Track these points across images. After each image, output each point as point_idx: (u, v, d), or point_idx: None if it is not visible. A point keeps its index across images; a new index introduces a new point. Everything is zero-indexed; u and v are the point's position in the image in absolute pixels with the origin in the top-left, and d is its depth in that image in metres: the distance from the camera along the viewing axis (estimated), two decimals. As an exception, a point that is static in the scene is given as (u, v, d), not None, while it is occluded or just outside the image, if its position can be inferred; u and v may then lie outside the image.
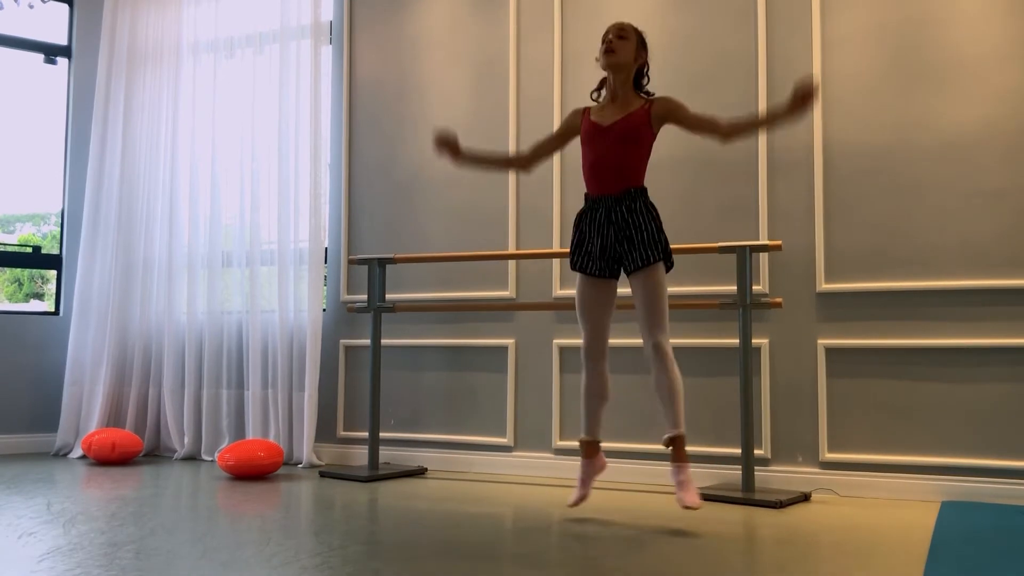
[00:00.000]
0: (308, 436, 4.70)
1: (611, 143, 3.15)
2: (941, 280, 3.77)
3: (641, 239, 3.09)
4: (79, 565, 2.49)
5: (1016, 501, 3.54)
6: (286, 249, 4.89)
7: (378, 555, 2.68)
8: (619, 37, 3.18)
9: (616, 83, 3.21)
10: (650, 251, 3.08)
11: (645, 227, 3.10)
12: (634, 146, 3.15)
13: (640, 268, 3.09)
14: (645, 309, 3.08)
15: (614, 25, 3.23)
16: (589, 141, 3.20)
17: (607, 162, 3.16)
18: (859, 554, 2.73)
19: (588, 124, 3.23)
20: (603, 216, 3.15)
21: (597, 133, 3.18)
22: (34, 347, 5.25)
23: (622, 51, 3.17)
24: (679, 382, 3.09)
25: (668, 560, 2.64)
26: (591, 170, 3.20)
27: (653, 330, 3.07)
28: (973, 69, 3.78)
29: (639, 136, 3.15)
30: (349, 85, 5.02)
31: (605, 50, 3.18)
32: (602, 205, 3.15)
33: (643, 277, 3.08)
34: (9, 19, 5.38)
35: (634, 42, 3.20)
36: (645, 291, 3.08)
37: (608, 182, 3.15)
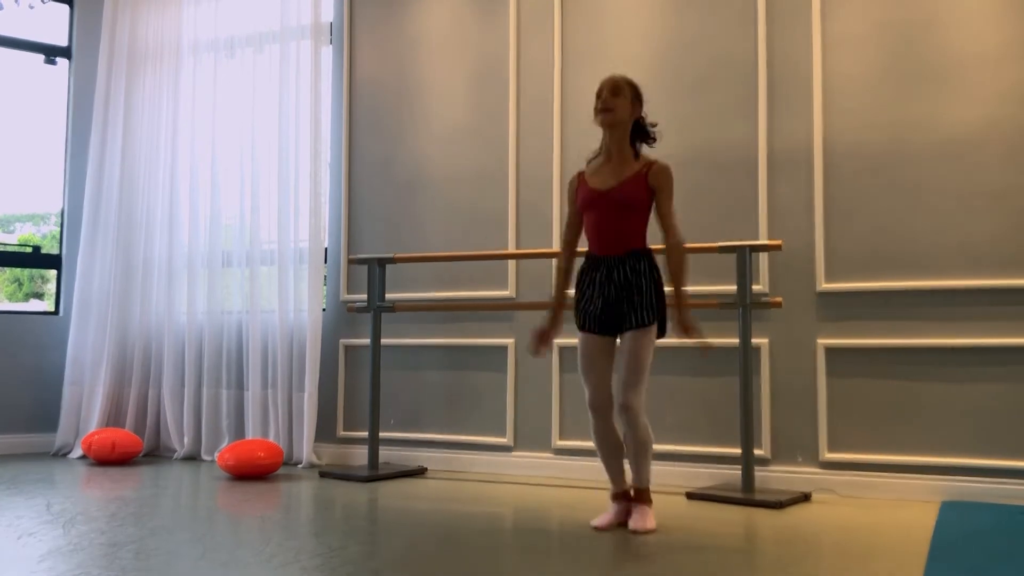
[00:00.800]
0: (308, 436, 4.70)
1: (610, 210, 3.12)
2: (941, 280, 3.76)
3: (640, 302, 3.08)
4: (79, 565, 2.49)
5: (1016, 501, 3.54)
6: (286, 249, 4.89)
7: (378, 555, 2.68)
8: (613, 94, 3.12)
9: (612, 141, 3.16)
10: (646, 314, 3.08)
11: (645, 290, 3.10)
12: (634, 211, 3.12)
13: (632, 328, 3.08)
14: (626, 368, 3.08)
15: (607, 81, 3.16)
16: (588, 207, 3.17)
17: (607, 226, 3.13)
18: (859, 554, 2.73)
19: (585, 190, 3.18)
20: (604, 276, 3.13)
21: (595, 199, 3.14)
22: (34, 347, 5.25)
23: (618, 109, 3.12)
24: (647, 443, 3.12)
25: (668, 560, 2.64)
26: (592, 232, 3.18)
27: (627, 390, 3.06)
28: (973, 69, 3.78)
29: (637, 203, 3.12)
30: (349, 85, 5.02)
31: (600, 108, 3.13)
32: (604, 264, 3.14)
33: (632, 337, 3.08)
34: (9, 19, 5.38)
35: (629, 97, 3.14)
36: (631, 351, 3.08)
37: (610, 244, 3.13)
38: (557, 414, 4.37)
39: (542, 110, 4.53)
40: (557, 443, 4.36)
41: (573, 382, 4.34)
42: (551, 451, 4.38)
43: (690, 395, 4.09)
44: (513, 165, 4.56)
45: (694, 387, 4.09)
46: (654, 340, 3.12)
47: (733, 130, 4.12)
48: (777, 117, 4.07)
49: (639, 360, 3.07)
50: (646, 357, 3.08)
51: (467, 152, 4.69)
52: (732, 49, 4.17)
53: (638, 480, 3.16)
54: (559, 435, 4.36)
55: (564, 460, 4.32)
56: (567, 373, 4.37)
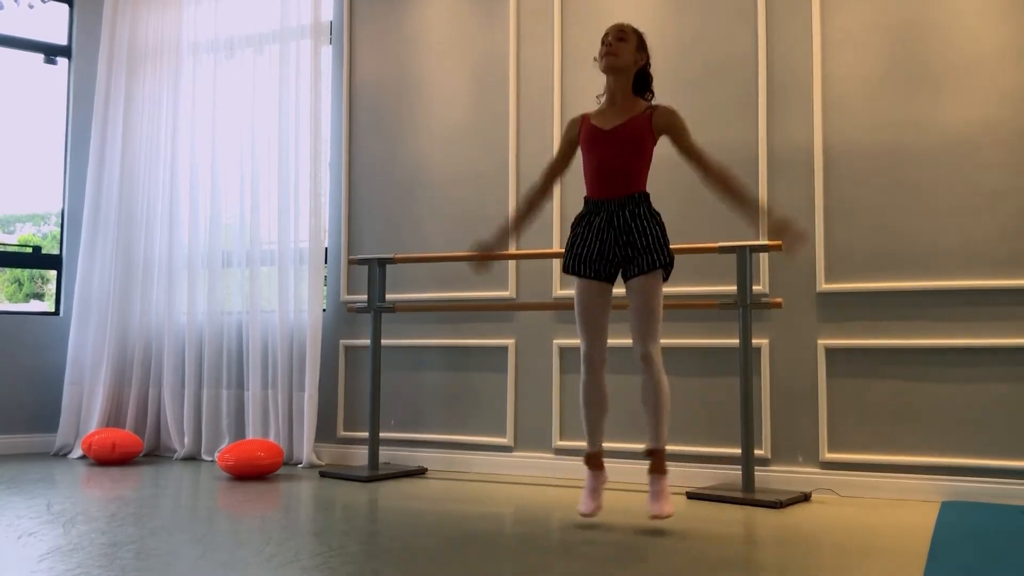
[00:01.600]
0: (308, 436, 4.70)
1: (613, 147, 3.09)
2: (941, 280, 3.77)
3: (645, 244, 3.02)
4: (79, 565, 2.49)
5: (1016, 501, 3.54)
6: (286, 249, 4.89)
7: (378, 555, 2.68)
8: (619, 39, 3.13)
9: (616, 86, 3.16)
10: (655, 256, 3.02)
11: (649, 232, 3.04)
12: (636, 151, 3.09)
13: (640, 273, 3.02)
14: (639, 316, 3.02)
15: (613, 27, 3.18)
16: (590, 146, 3.13)
17: (609, 166, 3.09)
18: (859, 554, 2.73)
19: (588, 128, 3.16)
20: (604, 220, 3.09)
21: (599, 137, 3.11)
22: (34, 347, 5.25)
23: (622, 53, 3.12)
24: (666, 394, 3.05)
25: (668, 560, 2.64)
26: (593, 174, 3.14)
27: (645, 338, 3.01)
28: (973, 70, 3.78)
29: (641, 142, 3.09)
30: (349, 85, 5.02)
31: (604, 52, 3.12)
32: (604, 209, 3.09)
33: (641, 283, 3.02)
34: (9, 19, 5.38)
35: (634, 43, 3.15)
36: (642, 297, 3.01)
37: (611, 186, 3.08)
38: (557, 414, 4.37)
39: (542, 110, 4.53)
40: (557, 443, 4.36)
41: (573, 382, 4.34)
42: (551, 451, 4.38)
43: (690, 395, 4.09)
44: (513, 165, 4.56)
45: (694, 387, 4.09)
46: (661, 285, 3.05)
47: (733, 130, 4.12)
48: (777, 117, 4.07)
49: (653, 306, 3.00)
50: (658, 303, 3.02)
51: (467, 152, 4.69)
52: (732, 49, 4.17)
53: (656, 440, 3.06)
54: (559, 435, 4.36)
55: (564, 460, 4.32)
56: (567, 373, 4.37)
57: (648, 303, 3.01)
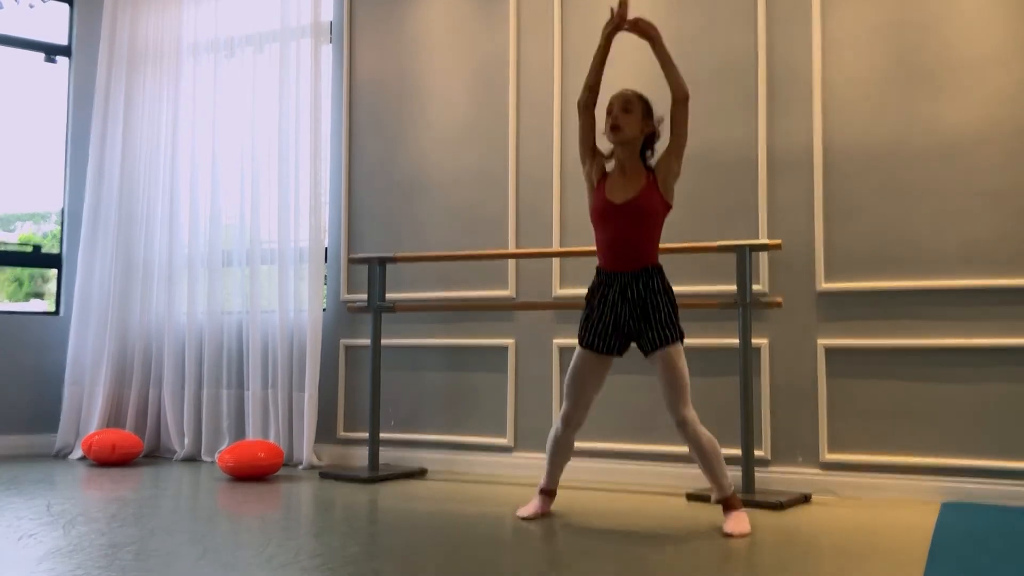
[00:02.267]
0: (308, 437, 4.69)
1: (626, 223, 3.13)
2: (941, 280, 3.76)
3: (659, 319, 3.10)
4: (79, 566, 2.49)
5: (1017, 502, 3.54)
6: (286, 249, 4.89)
7: (378, 556, 2.68)
8: (624, 110, 3.16)
9: (624, 156, 3.20)
10: (668, 331, 3.10)
11: (663, 308, 3.12)
12: (648, 225, 3.16)
13: (658, 348, 3.10)
14: (669, 387, 3.11)
15: (617, 96, 3.20)
16: (603, 220, 3.18)
17: (622, 242, 3.15)
18: (859, 555, 2.73)
19: (602, 199, 3.18)
20: (617, 294, 3.15)
21: (611, 212, 3.15)
22: (34, 347, 5.25)
23: (628, 126, 3.15)
24: (714, 447, 3.13)
25: (668, 561, 2.64)
26: (606, 248, 3.19)
27: (678, 406, 3.11)
28: (973, 70, 3.77)
29: (653, 213, 3.15)
30: (349, 85, 5.02)
31: (610, 126, 3.15)
32: (617, 282, 3.15)
33: (664, 356, 3.10)
34: (9, 19, 5.38)
35: (639, 113, 3.17)
36: (667, 370, 3.10)
37: (624, 260, 3.14)
38: (557, 414, 4.36)
39: (542, 110, 4.53)
40: (557, 443, 4.36)
41: (573, 382, 4.34)
42: (551, 451, 4.37)
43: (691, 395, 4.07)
44: (513, 165, 4.56)
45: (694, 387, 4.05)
46: (682, 353, 3.14)
47: (733, 130, 4.12)
48: (777, 117, 4.07)
49: (679, 376, 3.11)
50: (684, 369, 3.12)
51: (467, 152, 4.69)
52: (732, 50, 4.16)
53: (721, 492, 3.14)
54: (559, 435, 4.36)
55: (564, 460, 4.32)
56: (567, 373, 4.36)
57: (674, 375, 3.10)
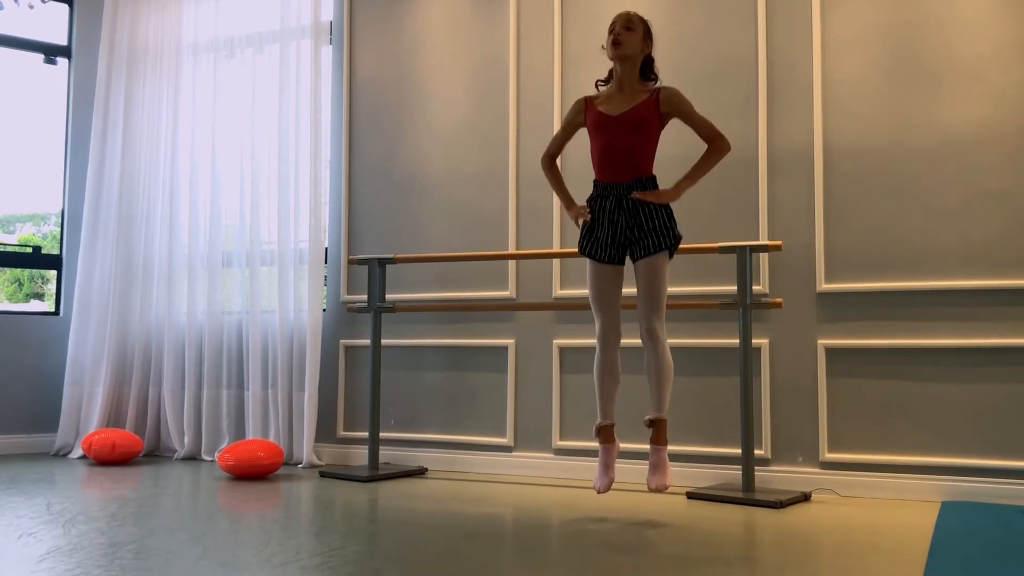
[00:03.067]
0: (308, 436, 4.69)
1: (621, 132, 3.21)
2: (941, 280, 3.76)
3: (652, 227, 3.17)
4: (79, 565, 2.49)
5: (1016, 501, 3.54)
6: (286, 249, 4.89)
7: (378, 555, 2.68)
8: (626, 28, 3.26)
9: (623, 73, 3.28)
10: (661, 238, 3.17)
11: (656, 215, 3.18)
12: (644, 135, 3.22)
13: (646, 256, 3.17)
14: (645, 294, 3.18)
15: (620, 15, 3.30)
16: (598, 131, 3.26)
17: (617, 151, 3.22)
18: (859, 554, 2.73)
19: (595, 114, 3.28)
20: (613, 203, 3.22)
21: (606, 123, 3.24)
22: (34, 347, 5.25)
23: (629, 42, 3.25)
24: (670, 367, 3.21)
25: (668, 560, 2.64)
26: (601, 159, 3.26)
27: (650, 315, 3.17)
28: (973, 70, 3.78)
29: (648, 125, 3.22)
30: (349, 85, 5.02)
31: (612, 41, 3.26)
32: (613, 192, 3.22)
33: (647, 263, 3.17)
34: (9, 19, 5.38)
35: (640, 32, 3.28)
36: (648, 277, 3.17)
37: (619, 171, 3.22)
38: (557, 414, 4.37)
39: (542, 110, 4.53)
40: (557, 443, 4.36)
41: (573, 382, 4.35)
42: (551, 451, 4.38)
43: (691, 395, 4.09)
44: (513, 165, 4.56)
45: (695, 387, 4.09)
46: (667, 265, 3.21)
47: (733, 130, 4.10)
48: (777, 117, 4.07)
49: (658, 285, 3.18)
50: (663, 281, 3.19)
51: (467, 152, 4.69)
52: (732, 49, 4.17)
53: (659, 409, 3.22)
54: (559, 435, 4.36)
55: (564, 460, 4.32)
56: (567, 374, 4.37)
57: (653, 282, 3.17)
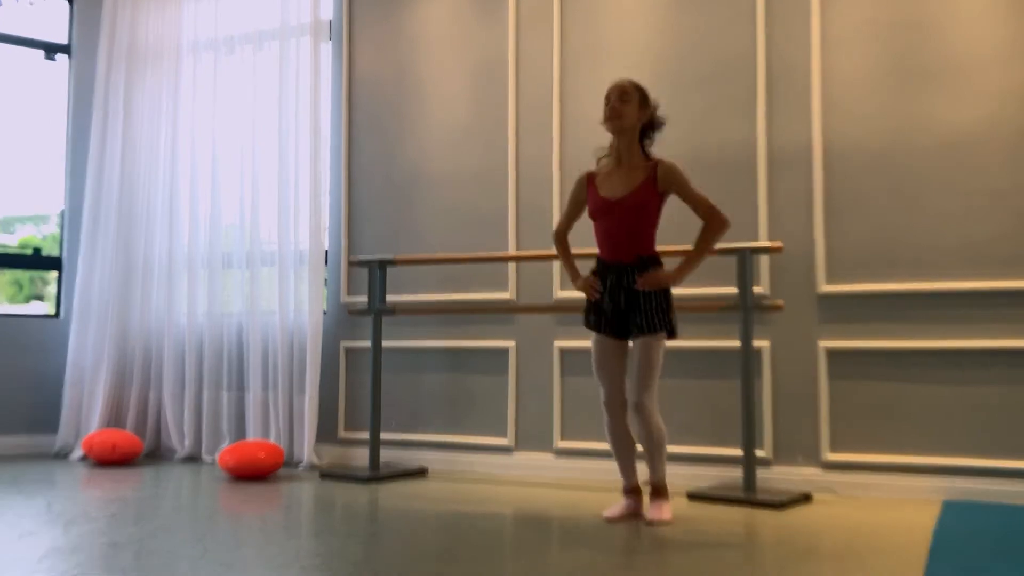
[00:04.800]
0: (309, 437, 4.69)
1: (621, 217, 3.24)
2: (942, 281, 3.76)
3: (648, 307, 3.20)
4: (79, 566, 2.49)
5: (1017, 501, 3.54)
6: (286, 250, 4.89)
7: (378, 556, 2.68)
8: (621, 101, 3.24)
9: (621, 145, 3.29)
10: (655, 320, 3.19)
11: (654, 297, 3.21)
12: (643, 218, 3.24)
13: (643, 335, 3.20)
14: (637, 370, 3.20)
15: (615, 87, 3.27)
16: (600, 215, 3.29)
17: (618, 234, 3.25)
18: (860, 554, 2.73)
19: (596, 199, 3.30)
20: (614, 282, 3.25)
21: (606, 208, 3.26)
22: (35, 349, 5.24)
23: (626, 115, 3.24)
24: (661, 436, 3.24)
25: (669, 561, 2.64)
26: (604, 240, 3.30)
27: (640, 391, 3.19)
28: (973, 69, 3.77)
29: (647, 208, 3.24)
30: (349, 84, 5.02)
31: (609, 115, 3.25)
32: (614, 271, 3.26)
33: (643, 342, 3.21)
34: (9, 16, 5.37)
35: (636, 102, 3.26)
36: (642, 355, 3.20)
37: (620, 251, 3.25)
38: (558, 415, 4.37)
39: (542, 110, 4.53)
40: (558, 444, 4.36)
41: (574, 384, 4.34)
42: (552, 452, 4.38)
43: (692, 397, 4.09)
44: (513, 165, 4.56)
45: (696, 389, 4.09)
46: (664, 344, 3.24)
47: (733, 130, 4.12)
48: (777, 117, 4.07)
49: (650, 361, 3.20)
50: (656, 359, 3.21)
51: (467, 152, 4.69)
52: (731, 49, 4.16)
53: (654, 476, 3.26)
54: (560, 436, 4.36)
55: (565, 461, 4.32)
56: (568, 375, 4.37)
57: (646, 361, 3.20)
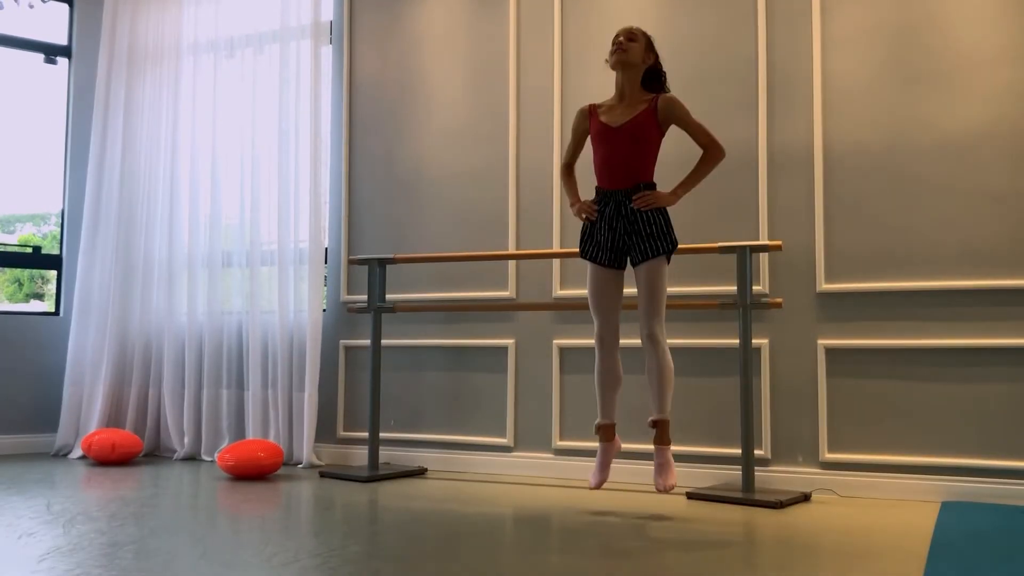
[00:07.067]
0: (308, 436, 4.69)
1: (621, 143, 3.32)
2: (942, 280, 3.76)
3: (649, 232, 3.27)
4: (79, 565, 2.49)
5: (1017, 501, 3.54)
6: (286, 249, 4.89)
7: (378, 555, 2.68)
8: (628, 39, 3.37)
9: (624, 81, 3.38)
10: (658, 243, 3.26)
11: (654, 221, 3.28)
12: (643, 145, 3.33)
13: (645, 260, 3.26)
14: (645, 299, 3.26)
15: (624, 28, 3.42)
16: (599, 142, 3.39)
17: (618, 160, 3.33)
18: (859, 555, 2.73)
19: (598, 124, 3.40)
20: (613, 210, 3.32)
21: (607, 134, 3.35)
22: (34, 348, 5.25)
23: (631, 50, 3.35)
24: (670, 369, 3.29)
25: (668, 561, 2.64)
26: (602, 167, 3.38)
27: (650, 319, 3.26)
28: (974, 69, 3.78)
29: (648, 135, 3.32)
30: (349, 84, 5.02)
31: (615, 49, 3.36)
32: (613, 199, 3.33)
33: (646, 268, 3.27)
34: (9, 19, 5.38)
35: (642, 44, 3.38)
36: (647, 282, 3.26)
37: (619, 178, 3.32)
38: (557, 414, 4.37)
39: (542, 110, 4.53)
40: (557, 443, 4.36)
41: (573, 383, 4.35)
42: (551, 451, 4.38)
43: (691, 395, 4.09)
44: (513, 164, 4.56)
45: (695, 387, 4.09)
46: (666, 269, 3.30)
47: (733, 129, 4.12)
48: (777, 117, 4.07)
49: (657, 290, 3.27)
50: (662, 286, 3.28)
51: (467, 151, 4.69)
52: (732, 48, 4.17)
53: (660, 410, 3.29)
54: (559, 435, 4.36)
55: (564, 460, 4.32)
56: (567, 374, 4.37)
57: (653, 287, 3.26)
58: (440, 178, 4.74)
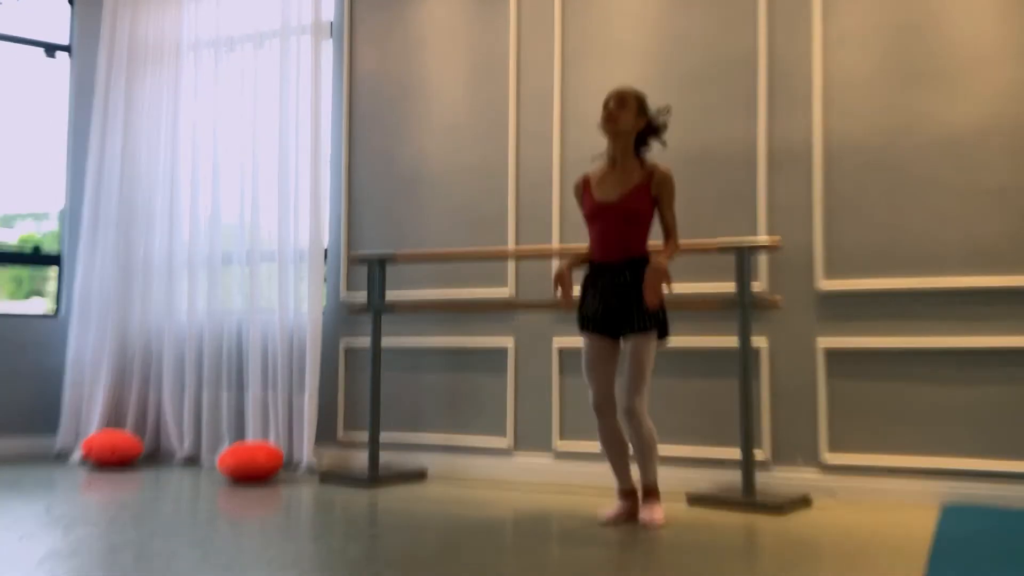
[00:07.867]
0: (308, 438, 4.68)
1: (615, 221, 3.29)
2: (942, 280, 3.75)
3: (640, 307, 3.21)
4: (79, 568, 2.49)
5: (1018, 504, 3.53)
6: (286, 248, 4.88)
7: (378, 559, 2.68)
8: (619, 106, 3.29)
9: (616, 149, 3.34)
10: (646, 320, 3.21)
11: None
12: (636, 222, 3.29)
13: (634, 333, 3.22)
14: (628, 372, 3.22)
15: (614, 93, 3.33)
16: (593, 219, 3.34)
17: (612, 238, 3.30)
18: (859, 558, 2.73)
19: (591, 203, 3.35)
20: (607, 283, 3.28)
21: (600, 211, 3.31)
22: (34, 349, 5.23)
23: (623, 119, 3.29)
24: (653, 439, 3.26)
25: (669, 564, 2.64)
26: (597, 242, 3.34)
27: (630, 394, 3.21)
28: (974, 67, 3.76)
29: (641, 214, 3.29)
30: (349, 83, 5.01)
31: (606, 118, 3.30)
32: (607, 272, 3.29)
33: (634, 342, 3.23)
34: (9, 16, 5.36)
35: (633, 109, 3.31)
36: (633, 355, 3.22)
37: (613, 253, 3.29)
38: (557, 416, 4.36)
39: (542, 107, 4.51)
40: (557, 446, 4.35)
41: (573, 384, 4.34)
42: (551, 454, 4.37)
43: (689, 397, 4.08)
44: (513, 162, 4.55)
45: (693, 389, 4.09)
46: (655, 345, 3.26)
47: (733, 127, 4.11)
48: (777, 115, 4.06)
49: (641, 364, 3.21)
50: (647, 361, 3.23)
51: (467, 149, 4.68)
52: (732, 46, 4.15)
53: (645, 479, 3.28)
54: (559, 437, 4.35)
55: (564, 463, 4.31)
56: (567, 375, 4.36)
57: (637, 362, 3.22)
58: (440, 176, 4.73)
